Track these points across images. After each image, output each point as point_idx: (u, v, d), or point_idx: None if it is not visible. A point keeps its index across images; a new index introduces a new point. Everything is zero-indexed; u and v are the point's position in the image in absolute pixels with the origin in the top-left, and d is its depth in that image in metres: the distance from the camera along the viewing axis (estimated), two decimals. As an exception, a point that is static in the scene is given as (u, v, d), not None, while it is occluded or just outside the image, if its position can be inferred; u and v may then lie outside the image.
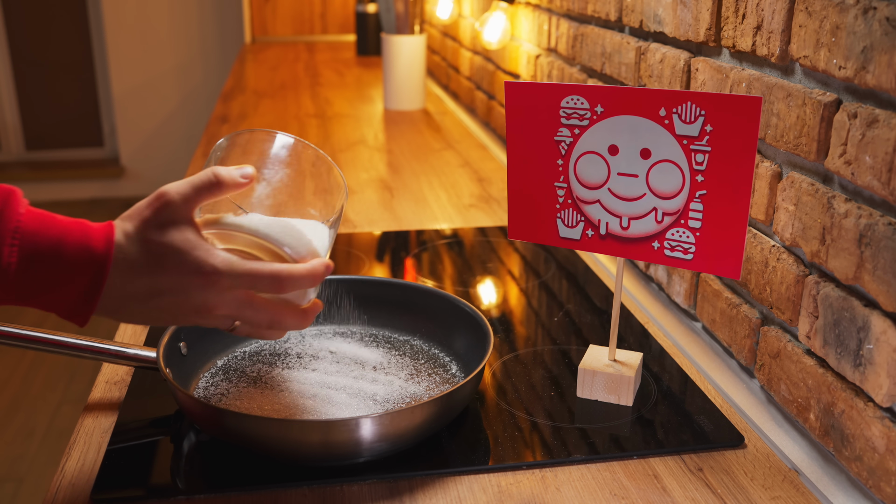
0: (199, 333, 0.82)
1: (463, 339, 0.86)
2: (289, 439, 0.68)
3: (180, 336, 0.80)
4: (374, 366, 0.84)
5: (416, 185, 1.54)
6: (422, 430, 0.71)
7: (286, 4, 3.73)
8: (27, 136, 4.28)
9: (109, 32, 4.07)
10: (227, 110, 2.17)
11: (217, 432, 0.71)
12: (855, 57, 0.64)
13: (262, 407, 0.76)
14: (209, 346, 0.84)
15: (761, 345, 0.81)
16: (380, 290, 0.93)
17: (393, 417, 0.68)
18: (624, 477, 0.71)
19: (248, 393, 0.78)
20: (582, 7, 1.27)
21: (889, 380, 0.62)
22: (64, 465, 0.71)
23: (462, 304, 0.87)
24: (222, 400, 0.77)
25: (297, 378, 0.81)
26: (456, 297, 0.88)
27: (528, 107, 0.78)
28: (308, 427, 0.68)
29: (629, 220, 0.76)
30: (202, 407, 0.70)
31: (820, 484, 0.70)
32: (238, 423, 0.69)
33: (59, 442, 2.34)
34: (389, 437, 0.69)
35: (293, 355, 0.86)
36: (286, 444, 0.68)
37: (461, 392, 0.73)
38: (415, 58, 2.12)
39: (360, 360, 0.85)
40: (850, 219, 0.66)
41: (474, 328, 0.84)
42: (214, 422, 0.70)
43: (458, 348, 0.86)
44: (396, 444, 0.70)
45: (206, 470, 0.71)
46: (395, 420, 0.68)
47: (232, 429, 0.69)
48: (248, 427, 0.68)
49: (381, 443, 0.69)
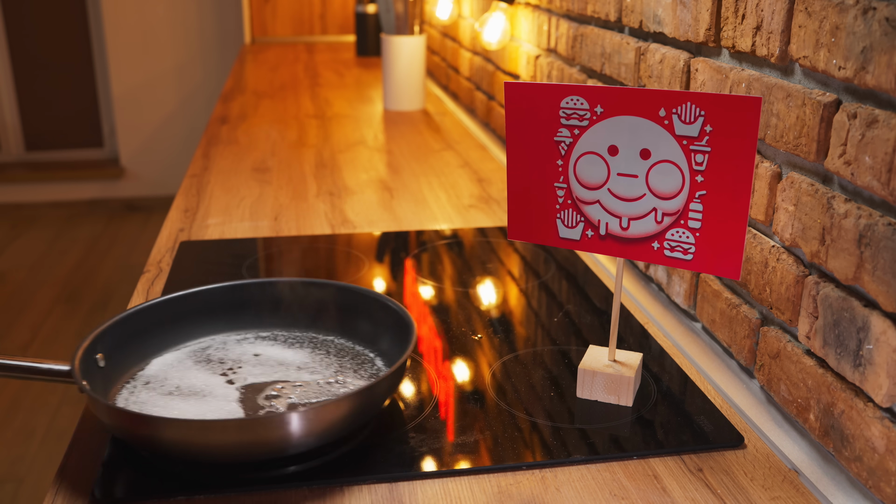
0: (116, 344, 0.81)
1: (388, 336, 0.85)
2: (213, 441, 0.67)
3: (97, 348, 0.78)
4: (297, 366, 0.84)
5: (416, 185, 1.54)
6: (345, 423, 0.71)
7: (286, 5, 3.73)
8: (27, 136, 4.28)
9: (109, 32, 4.07)
10: (226, 111, 2.17)
11: (142, 442, 0.70)
12: (854, 57, 0.64)
13: (185, 413, 0.75)
14: (127, 357, 0.82)
15: (761, 345, 0.81)
16: (303, 292, 0.92)
17: (317, 412, 0.68)
18: (624, 477, 0.71)
19: (170, 402, 0.77)
20: (581, 7, 1.27)
21: (889, 380, 0.62)
22: (64, 465, 0.71)
23: (385, 299, 0.87)
24: (143, 409, 0.76)
25: (220, 383, 0.80)
26: (378, 294, 0.88)
27: (528, 107, 0.78)
28: (230, 426, 0.67)
29: (629, 221, 0.76)
30: (126, 417, 0.68)
31: (820, 484, 0.70)
32: (163, 428, 0.67)
33: (59, 442, 2.34)
34: (315, 433, 0.68)
35: (215, 361, 0.85)
36: (212, 447, 0.67)
37: (381, 386, 0.73)
38: (414, 58, 2.12)
39: (284, 362, 0.85)
40: (849, 219, 0.66)
41: (398, 324, 0.83)
42: (139, 431, 0.68)
43: (383, 345, 0.86)
44: (322, 438, 0.70)
45: (206, 470, 0.71)
46: (320, 415, 0.68)
47: (158, 436, 0.67)
48: (172, 432, 0.67)
49: (307, 438, 0.68)
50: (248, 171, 1.61)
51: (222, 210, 1.39)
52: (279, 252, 1.21)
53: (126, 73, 4.15)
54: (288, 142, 1.85)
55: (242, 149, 1.79)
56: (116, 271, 3.52)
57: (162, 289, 1.07)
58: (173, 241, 1.25)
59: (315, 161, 1.70)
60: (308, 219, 1.35)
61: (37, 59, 4.19)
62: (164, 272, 1.13)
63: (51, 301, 3.19)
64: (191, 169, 1.63)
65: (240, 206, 1.41)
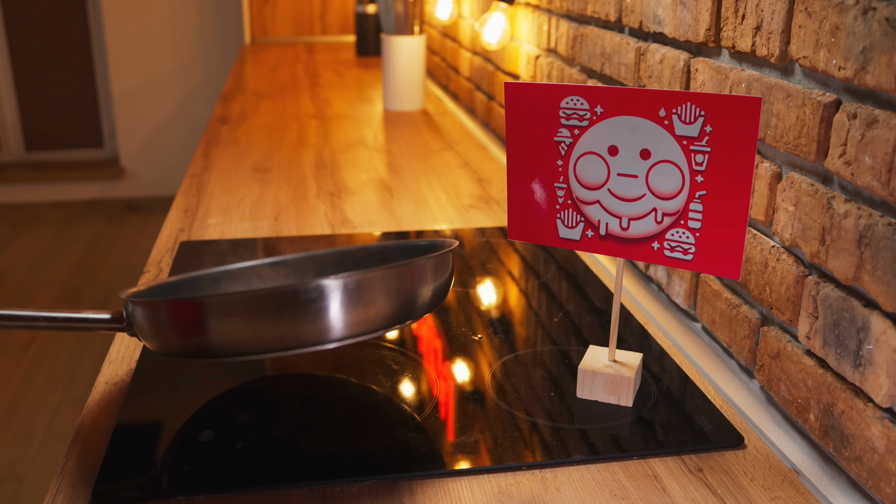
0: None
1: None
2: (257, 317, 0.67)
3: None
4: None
5: (416, 185, 1.54)
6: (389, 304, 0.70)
7: (286, 5, 3.73)
8: (27, 136, 4.29)
9: (109, 33, 4.07)
10: (226, 111, 2.17)
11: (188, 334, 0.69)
12: (854, 57, 0.64)
13: None
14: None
15: (761, 345, 0.81)
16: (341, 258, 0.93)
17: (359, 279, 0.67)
18: (624, 477, 0.71)
19: None
20: (581, 8, 1.27)
21: (889, 380, 0.62)
22: (64, 465, 0.71)
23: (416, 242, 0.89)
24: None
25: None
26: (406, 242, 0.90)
27: (528, 107, 0.78)
28: (274, 296, 0.66)
29: (629, 221, 0.76)
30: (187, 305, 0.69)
31: (820, 484, 0.70)
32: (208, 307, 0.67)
33: (59, 443, 2.34)
34: (359, 305, 0.68)
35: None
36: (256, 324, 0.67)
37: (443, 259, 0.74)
38: (414, 58, 2.12)
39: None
40: (849, 219, 0.66)
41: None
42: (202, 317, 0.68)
43: None
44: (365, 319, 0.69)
45: (206, 470, 0.71)
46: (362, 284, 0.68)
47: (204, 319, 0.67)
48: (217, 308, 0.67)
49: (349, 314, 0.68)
50: (249, 172, 1.61)
51: (222, 210, 1.39)
52: (279, 252, 1.21)
53: (126, 73, 4.15)
54: (288, 142, 1.86)
55: (242, 149, 1.79)
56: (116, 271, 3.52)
57: (162, 289, 1.07)
58: (173, 241, 1.25)
59: (315, 161, 1.70)
60: (308, 219, 1.35)
61: (37, 59, 4.19)
62: (164, 272, 1.13)
63: (51, 301, 3.19)
64: (191, 169, 1.63)
65: (240, 206, 1.41)
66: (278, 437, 0.74)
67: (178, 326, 0.70)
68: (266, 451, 0.73)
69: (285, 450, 0.73)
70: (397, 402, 0.81)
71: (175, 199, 1.45)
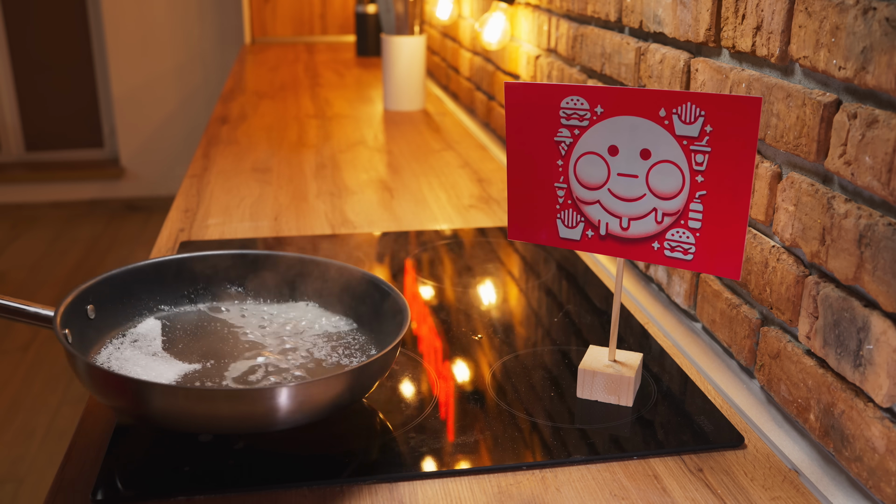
0: (111, 297, 0.77)
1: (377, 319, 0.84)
2: (181, 408, 0.64)
3: (88, 298, 0.74)
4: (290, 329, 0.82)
5: (416, 185, 1.54)
6: (336, 402, 0.69)
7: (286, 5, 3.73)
8: (27, 136, 4.28)
9: (109, 33, 4.07)
10: (226, 111, 2.17)
11: (115, 403, 0.66)
12: (855, 57, 0.64)
13: (160, 377, 0.71)
14: (120, 312, 0.78)
15: (761, 345, 0.81)
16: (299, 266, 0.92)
17: (307, 388, 0.66)
18: (624, 477, 0.71)
19: (152, 362, 0.74)
20: (582, 8, 1.27)
21: (889, 380, 0.62)
22: (64, 465, 0.71)
23: (377, 280, 0.85)
24: (123, 366, 0.72)
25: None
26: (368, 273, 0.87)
27: (528, 107, 0.78)
28: (192, 395, 0.64)
29: (629, 221, 0.76)
30: (99, 374, 0.65)
31: (820, 484, 0.70)
32: (130, 391, 0.64)
33: (59, 443, 2.34)
34: (303, 410, 0.67)
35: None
36: (182, 413, 0.65)
37: (373, 366, 0.71)
38: (414, 58, 2.12)
39: (279, 332, 0.84)
40: (849, 219, 0.66)
41: (390, 308, 0.82)
42: (108, 390, 0.65)
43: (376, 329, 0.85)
44: (310, 416, 0.69)
45: (206, 470, 0.71)
46: (309, 390, 0.67)
47: (129, 398, 0.64)
48: (144, 395, 0.64)
49: (295, 415, 0.67)
50: (249, 172, 1.61)
51: (222, 210, 1.39)
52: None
53: (126, 73, 4.14)
54: (288, 142, 1.85)
55: (242, 149, 1.79)
56: (116, 271, 3.51)
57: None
58: (173, 241, 1.25)
59: (315, 161, 1.70)
60: (308, 219, 1.35)
61: (37, 59, 4.19)
62: (164, 272, 1.13)
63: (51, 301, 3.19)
64: (191, 169, 1.63)
65: (240, 206, 1.41)
66: (278, 437, 0.74)
67: (107, 394, 0.67)
68: (266, 451, 0.73)
69: (285, 450, 0.73)
70: (397, 401, 0.81)
71: (175, 199, 1.45)
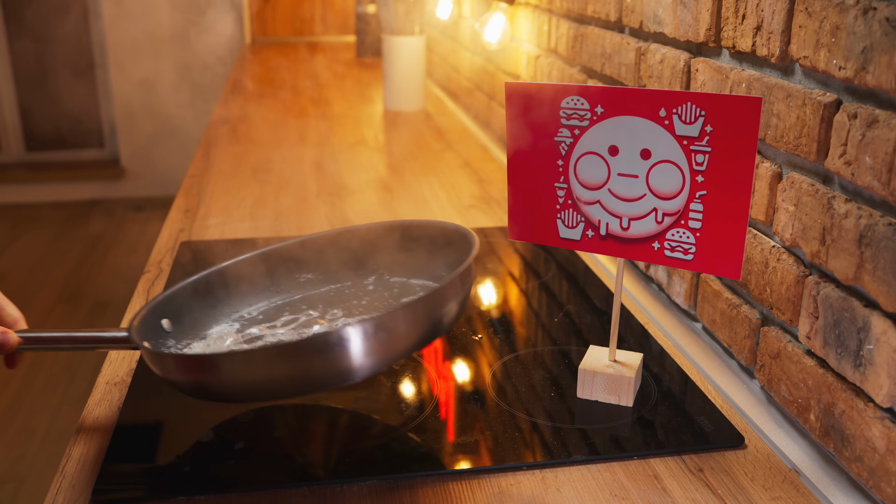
0: (185, 310, 0.79)
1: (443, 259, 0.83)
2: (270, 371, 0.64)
3: (161, 312, 0.76)
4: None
5: (416, 185, 1.54)
6: (416, 336, 0.67)
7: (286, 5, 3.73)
8: (27, 137, 4.29)
9: (109, 32, 4.07)
10: (227, 111, 2.17)
11: (209, 386, 0.68)
12: (855, 57, 0.64)
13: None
14: (197, 320, 0.80)
15: (761, 345, 0.81)
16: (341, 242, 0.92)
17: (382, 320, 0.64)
18: (624, 477, 0.71)
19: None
20: (582, 8, 1.27)
21: (889, 380, 0.62)
22: (64, 465, 0.71)
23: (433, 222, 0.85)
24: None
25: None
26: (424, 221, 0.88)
27: (528, 107, 0.78)
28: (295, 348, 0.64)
29: (629, 221, 0.76)
30: (190, 360, 0.67)
31: (820, 484, 0.70)
32: (218, 364, 0.65)
33: (59, 443, 2.34)
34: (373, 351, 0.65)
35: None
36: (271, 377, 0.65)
37: (446, 290, 0.69)
38: (415, 58, 2.12)
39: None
40: (850, 219, 0.66)
41: (455, 241, 0.81)
42: (205, 373, 0.66)
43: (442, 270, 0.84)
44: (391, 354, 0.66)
45: (206, 470, 0.71)
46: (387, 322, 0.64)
47: (213, 375, 0.65)
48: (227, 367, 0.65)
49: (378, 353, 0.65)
50: (249, 172, 1.61)
51: (222, 210, 1.39)
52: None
53: (126, 72, 4.15)
54: (288, 142, 1.85)
55: (242, 149, 1.79)
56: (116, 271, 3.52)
57: (162, 289, 1.07)
58: (174, 241, 1.25)
59: (315, 161, 1.70)
60: (308, 219, 1.35)
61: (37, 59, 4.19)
62: (164, 272, 1.13)
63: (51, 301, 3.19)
64: (191, 169, 1.63)
65: (240, 206, 1.41)
66: (278, 437, 0.74)
67: (193, 379, 0.68)
68: (266, 451, 0.73)
69: (285, 450, 0.73)
70: (397, 401, 0.81)
71: (175, 199, 1.45)
